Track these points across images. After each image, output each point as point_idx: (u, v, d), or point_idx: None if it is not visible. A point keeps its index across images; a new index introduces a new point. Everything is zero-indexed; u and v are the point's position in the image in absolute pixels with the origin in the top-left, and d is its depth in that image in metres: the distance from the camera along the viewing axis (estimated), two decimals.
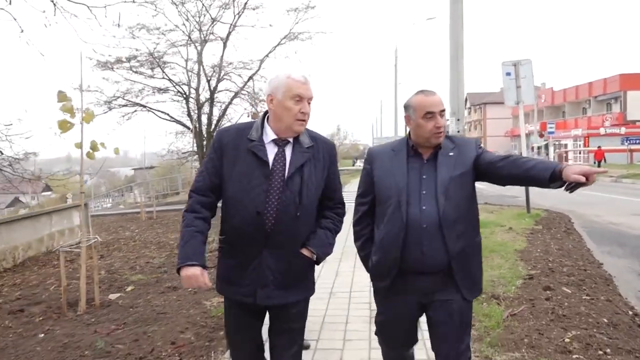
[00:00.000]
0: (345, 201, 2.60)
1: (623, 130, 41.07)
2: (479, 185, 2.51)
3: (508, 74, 10.25)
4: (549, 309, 4.42)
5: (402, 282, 2.38)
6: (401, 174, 2.37)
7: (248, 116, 19.52)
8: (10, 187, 10.18)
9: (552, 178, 2.14)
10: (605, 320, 4.15)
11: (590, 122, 46.00)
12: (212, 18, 19.31)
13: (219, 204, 2.47)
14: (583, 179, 2.02)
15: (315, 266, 2.49)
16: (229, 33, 19.91)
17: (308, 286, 2.49)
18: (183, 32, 19.53)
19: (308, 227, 2.41)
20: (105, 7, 8.42)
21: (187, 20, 19.37)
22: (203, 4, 18.79)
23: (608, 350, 3.56)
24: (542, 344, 3.68)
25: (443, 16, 9.39)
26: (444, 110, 2.37)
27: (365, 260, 2.54)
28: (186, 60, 20.41)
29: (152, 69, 20.29)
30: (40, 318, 5.12)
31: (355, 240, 2.60)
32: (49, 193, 40.96)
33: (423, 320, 2.53)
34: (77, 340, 4.24)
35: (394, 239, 2.33)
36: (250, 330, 2.48)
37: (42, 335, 4.53)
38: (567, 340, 3.74)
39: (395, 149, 2.48)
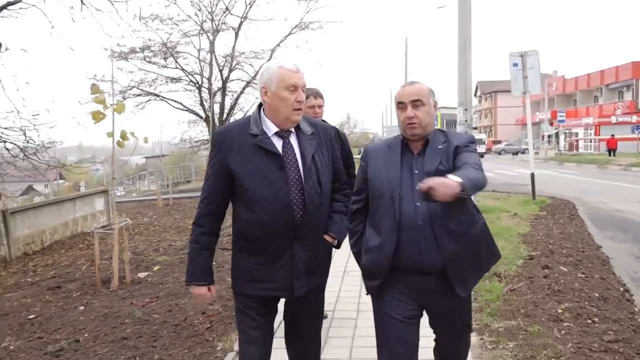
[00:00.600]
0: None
1: (634, 118, 40.93)
2: (487, 174, 2.50)
3: (515, 64, 10.54)
4: (546, 285, 4.81)
5: (395, 282, 2.29)
6: (394, 169, 2.28)
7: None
8: (36, 174, 10.65)
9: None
10: (597, 295, 4.53)
11: (602, 110, 45.85)
12: (225, 6, 19.67)
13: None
14: (424, 188, 1.97)
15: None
16: (241, 23, 20.29)
17: (326, 272, 2.57)
18: (195, 22, 19.92)
19: (327, 213, 2.46)
20: (126, 1, 8.86)
21: (200, 10, 19.79)
22: None
23: (596, 319, 3.94)
24: (536, 314, 4.08)
25: (453, 5, 9.64)
26: (418, 101, 2.26)
27: (358, 257, 2.46)
28: (199, 50, 20.82)
29: (165, 58, 20.71)
30: (77, 293, 5.58)
31: (350, 237, 2.52)
32: (62, 181, 41.57)
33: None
34: (115, 311, 4.70)
35: (386, 239, 2.24)
36: (267, 325, 2.49)
37: (82, 307, 5.00)
38: (559, 310, 4.14)
39: (390, 145, 2.39)
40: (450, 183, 1.96)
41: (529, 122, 10.65)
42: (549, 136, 48.29)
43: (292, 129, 2.38)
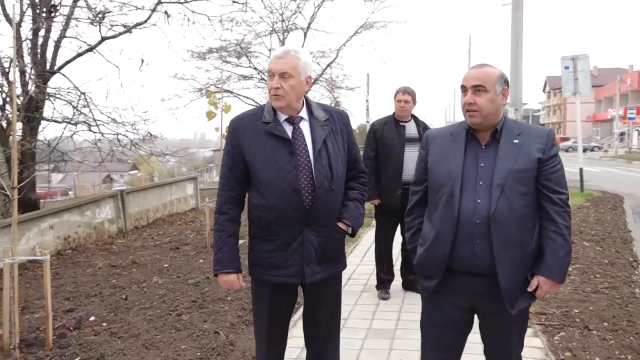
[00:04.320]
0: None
1: None
2: None
3: (567, 67, 11.38)
4: None
5: (450, 283, 2.19)
6: (457, 160, 2.13)
7: (331, 104, 21.40)
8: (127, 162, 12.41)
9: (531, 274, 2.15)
10: (606, 261, 5.63)
11: None
12: (297, 8, 21.16)
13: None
14: (540, 295, 2.19)
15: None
16: (309, 23, 21.74)
17: (343, 261, 2.55)
18: (267, 23, 21.51)
19: (340, 199, 2.45)
20: (221, 15, 10.53)
21: (272, 12, 21.39)
22: None
23: (597, 276, 5.09)
24: None
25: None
26: (480, 87, 2.09)
27: (413, 254, 2.35)
28: (269, 50, 22.31)
29: (238, 57, 22.53)
30: (193, 252, 7.21)
31: (406, 231, 2.44)
32: (135, 172, 44.17)
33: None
34: None
35: (443, 234, 2.14)
36: (284, 318, 2.52)
37: (202, 260, 6.60)
38: (570, 269, 5.27)
39: (453, 132, 2.23)
40: (556, 288, 2.18)
41: (579, 121, 11.49)
42: (621, 133, 46.95)
43: (304, 116, 2.41)
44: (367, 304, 4.54)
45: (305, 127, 2.39)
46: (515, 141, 2.12)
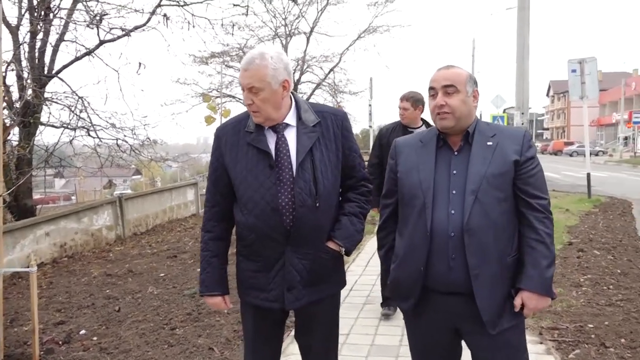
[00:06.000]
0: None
1: None
2: (548, 174, 2.50)
3: (574, 70, 11.17)
4: (576, 263, 5.74)
5: (429, 303, 2.00)
6: (428, 169, 1.98)
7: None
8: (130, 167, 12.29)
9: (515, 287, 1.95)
10: (619, 271, 5.42)
11: None
12: (300, 12, 21.08)
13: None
14: (527, 314, 1.98)
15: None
16: (312, 28, 21.66)
17: (339, 280, 2.29)
18: (270, 28, 21.44)
19: (330, 216, 2.18)
20: (222, 19, 10.39)
21: (275, 17, 21.33)
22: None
23: (611, 287, 4.87)
24: (561, 282, 5.04)
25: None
26: (451, 87, 1.94)
27: (386, 274, 2.18)
28: None
29: (240, 62, 22.43)
30: (191, 261, 7.01)
31: (379, 248, 2.25)
32: (138, 177, 44.28)
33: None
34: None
35: (416, 249, 1.96)
36: (272, 340, 2.31)
37: (199, 269, 6.39)
38: (581, 280, 5.08)
39: (423, 139, 2.07)
40: (544, 303, 1.95)
41: (586, 124, 11.28)
42: (626, 138, 46.66)
43: (291, 122, 2.15)
44: (370, 318, 4.32)
45: (291, 135, 2.14)
46: (488, 143, 1.96)
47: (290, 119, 2.16)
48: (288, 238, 2.09)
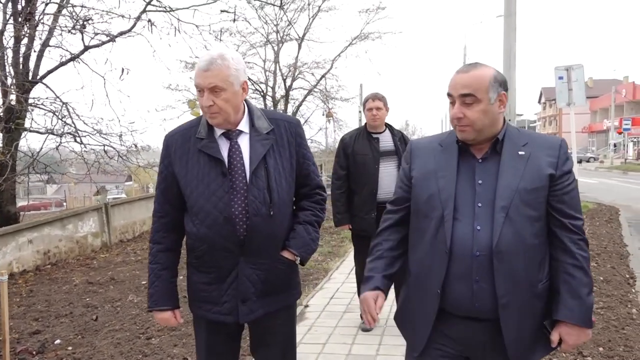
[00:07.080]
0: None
1: None
2: None
3: (560, 77, 11.20)
4: None
5: (441, 326, 1.77)
6: (449, 177, 1.74)
7: (323, 115, 21.26)
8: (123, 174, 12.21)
9: (551, 318, 1.73)
10: (601, 278, 5.39)
11: None
12: (288, 20, 21.11)
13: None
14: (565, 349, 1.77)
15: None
16: (304, 34, 21.69)
17: (293, 291, 2.20)
18: (262, 34, 21.45)
19: (285, 225, 2.12)
20: (209, 25, 10.38)
21: (266, 23, 21.35)
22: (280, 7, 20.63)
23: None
24: None
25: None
26: (469, 96, 1.68)
27: (359, 285, 1.93)
28: (264, 61, 22.29)
29: None
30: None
31: (368, 254, 1.97)
32: (130, 183, 44.15)
33: None
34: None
35: (432, 269, 1.74)
36: (226, 356, 2.22)
37: (181, 277, 6.32)
38: None
39: (443, 143, 1.83)
40: (585, 337, 1.72)
41: (573, 131, 11.30)
42: (615, 145, 47.00)
43: (244, 128, 2.08)
44: (348, 327, 4.27)
45: (244, 142, 2.06)
46: (520, 153, 1.72)
47: (244, 125, 2.08)
48: (242, 248, 2.02)
